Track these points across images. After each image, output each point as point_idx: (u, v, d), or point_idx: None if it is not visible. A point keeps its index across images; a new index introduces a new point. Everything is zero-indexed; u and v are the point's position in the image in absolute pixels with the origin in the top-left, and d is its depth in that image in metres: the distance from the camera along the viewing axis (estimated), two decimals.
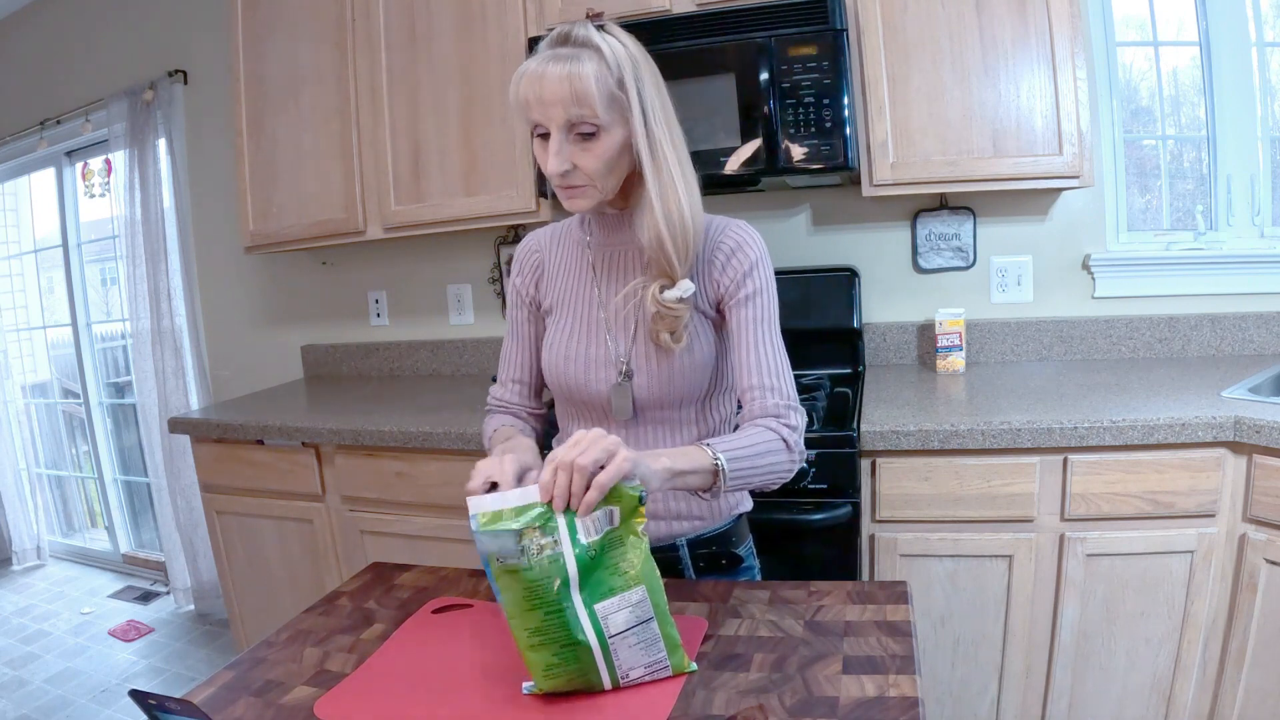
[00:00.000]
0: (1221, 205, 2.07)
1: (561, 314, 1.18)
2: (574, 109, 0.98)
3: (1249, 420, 1.46)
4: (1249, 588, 1.50)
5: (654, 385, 1.11)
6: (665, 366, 1.10)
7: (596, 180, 1.03)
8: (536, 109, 0.99)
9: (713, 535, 1.18)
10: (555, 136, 1.00)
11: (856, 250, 2.26)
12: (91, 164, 3.30)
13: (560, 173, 1.01)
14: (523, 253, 1.24)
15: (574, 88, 0.97)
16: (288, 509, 2.19)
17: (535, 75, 0.99)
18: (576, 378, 1.14)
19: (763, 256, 1.11)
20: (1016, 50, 1.80)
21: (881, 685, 0.81)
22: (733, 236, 1.11)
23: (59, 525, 4.02)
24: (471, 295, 2.67)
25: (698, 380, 1.12)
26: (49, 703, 2.55)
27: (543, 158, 1.03)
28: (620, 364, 1.12)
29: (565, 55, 0.99)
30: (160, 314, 3.02)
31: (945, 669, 1.70)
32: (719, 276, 1.11)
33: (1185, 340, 2.07)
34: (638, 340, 1.11)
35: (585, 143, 1.01)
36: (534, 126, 1.02)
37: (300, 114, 2.39)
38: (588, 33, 1.01)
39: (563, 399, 1.20)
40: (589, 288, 1.16)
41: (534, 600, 0.81)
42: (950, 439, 1.59)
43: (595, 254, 1.16)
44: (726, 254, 1.10)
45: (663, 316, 1.06)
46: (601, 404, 1.14)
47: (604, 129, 1.00)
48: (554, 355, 1.16)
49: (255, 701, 0.87)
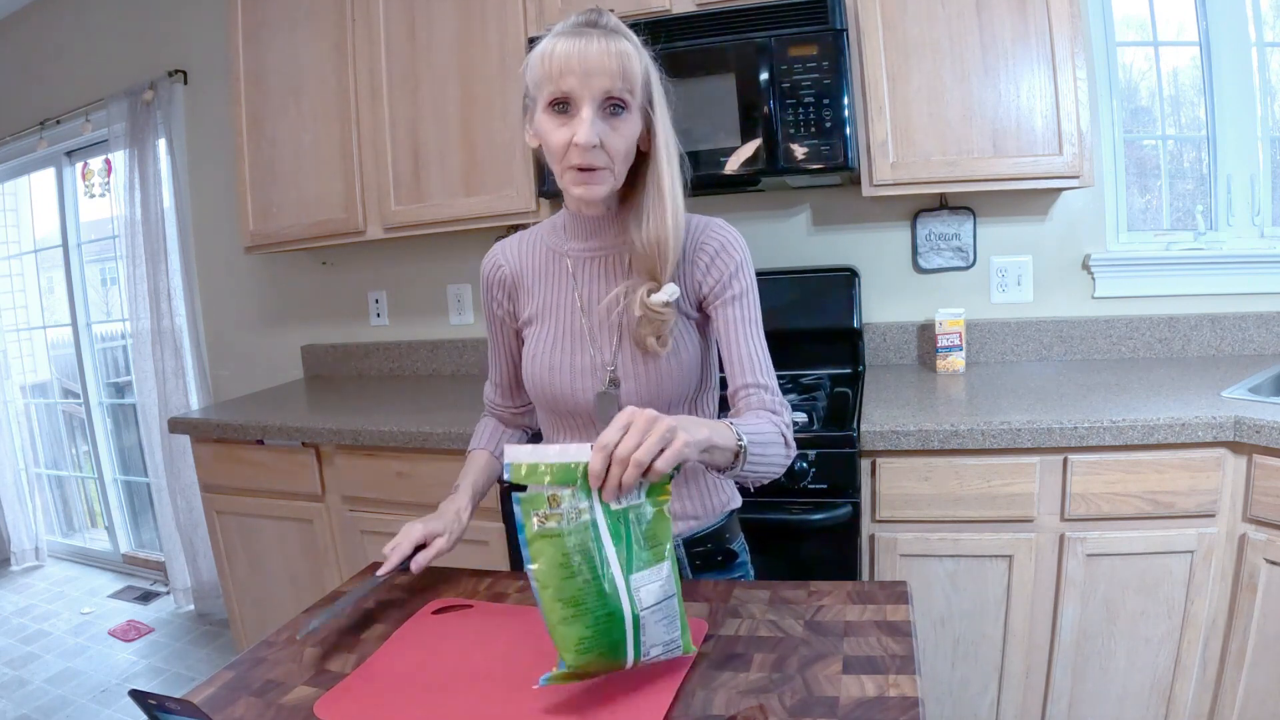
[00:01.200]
0: (1221, 205, 2.07)
1: (541, 325, 1.15)
2: (618, 82, 0.98)
3: (1249, 420, 1.46)
4: (1249, 588, 1.50)
5: (642, 391, 1.09)
6: (653, 371, 1.08)
7: (616, 163, 1.01)
8: (573, 78, 0.97)
9: (707, 533, 1.18)
10: (588, 109, 0.98)
11: (856, 250, 2.26)
12: (91, 164, 3.30)
13: (590, 145, 0.98)
14: (489, 271, 1.20)
15: (621, 64, 0.97)
16: (288, 509, 2.19)
17: (575, 46, 0.97)
18: (561, 388, 1.12)
19: (746, 256, 1.11)
20: (1016, 50, 1.80)
21: (881, 685, 0.81)
22: (716, 237, 1.10)
23: (59, 525, 4.01)
24: (471, 295, 2.67)
25: (685, 382, 1.11)
26: (49, 703, 2.55)
27: (557, 133, 1.00)
28: (606, 372, 1.10)
29: (606, 32, 0.99)
30: (160, 314, 3.02)
31: (945, 669, 1.70)
32: (702, 276, 1.09)
33: (1185, 340, 2.07)
34: (623, 347, 1.09)
35: (613, 121, 1.00)
36: (553, 100, 1.00)
37: (300, 114, 2.39)
38: (617, 22, 1.02)
39: (546, 409, 1.17)
40: (569, 295, 1.13)
41: (570, 569, 0.78)
42: (950, 439, 1.59)
43: (574, 261, 1.14)
44: (711, 254, 1.09)
45: (649, 321, 1.05)
46: (588, 413, 1.12)
47: (630, 112, 1.01)
48: (537, 367, 1.14)
49: (255, 701, 0.87)
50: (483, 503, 1.90)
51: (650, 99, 1.03)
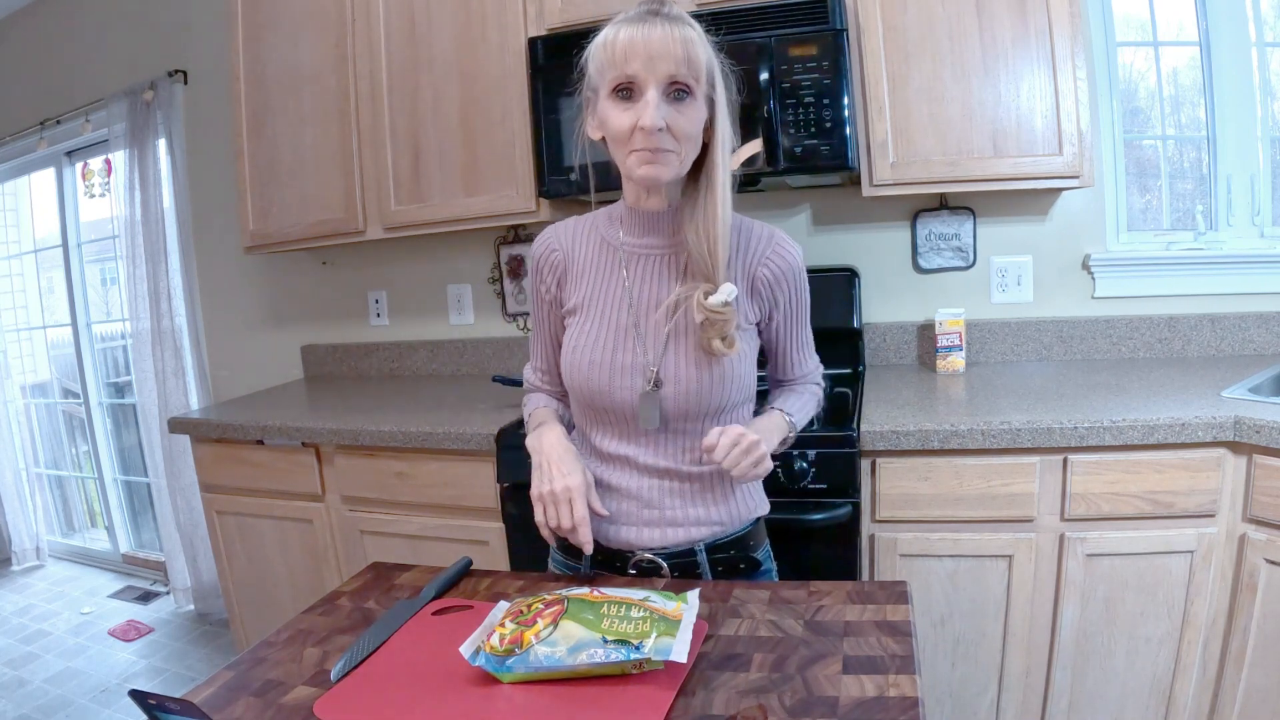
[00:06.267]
0: (1221, 205, 2.07)
1: (586, 317, 1.13)
2: (682, 68, 0.98)
3: (1249, 420, 1.46)
4: (1249, 588, 1.50)
5: (683, 395, 1.08)
6: (700, 375, 1.07)
7: (683, 146, 1.01)
8: (637, 63, 0.97)
9: (730, 540, 1.16)
10: (652, 92, 0.98)
11: (856, 250, 2.26)
12: (91, 164, 3.30)
13: (656, 128, 0.97)
14: (541, 253, 1.18)
15: (686, 50, 0.98)
16: (288, 509, 2.19)
17: (639, 31, 0.98)
18: (600, 384, 1.10)
19: (804, 268, 1.15)
20: (1016, 50, 1.80)
21: (881, 685, 0.81)
22: (780, 254, 1.12)
23: (59, 525, 4.01)
24: (471, 295, 2.67)
25: (729, 390, 1.09)
26: (49, 703, 2.55)
27: (621, 117, 1.00)
28: (649, 372, 1.08)
29: (669, 19, 0.99)
30: (160, 314, 3.02)
31: (945, 669, 1.70)
32: (766, 293, 1.12)
33: (1185, 340, 2.07)
34: (670, 349, 1.08)
35: (678, 105, 1.00)
36: (618, 86, 1.00)
37: (300, 114, 2.39)
38: (680, 10, 1.02)
39: (582, 404, 1.15)
40: (618, 290, 1.11)
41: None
42: (950, 439, 1.59)
43: (627, 255, 1.12)
44: (775, 273, 1.11)
45: (711, 323, 1.04)
46: (625, 412, 1.10)
47: (694, 98, 1.01)
48: (577, 360, 1.12)
49: (255, 702, 0.87)
50: (482, 503, 1.92)
51: (714, 88, 1.03)
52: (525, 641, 0.84)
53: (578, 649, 0.83)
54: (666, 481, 1.13)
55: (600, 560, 1.16)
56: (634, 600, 0.89)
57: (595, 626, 0.85)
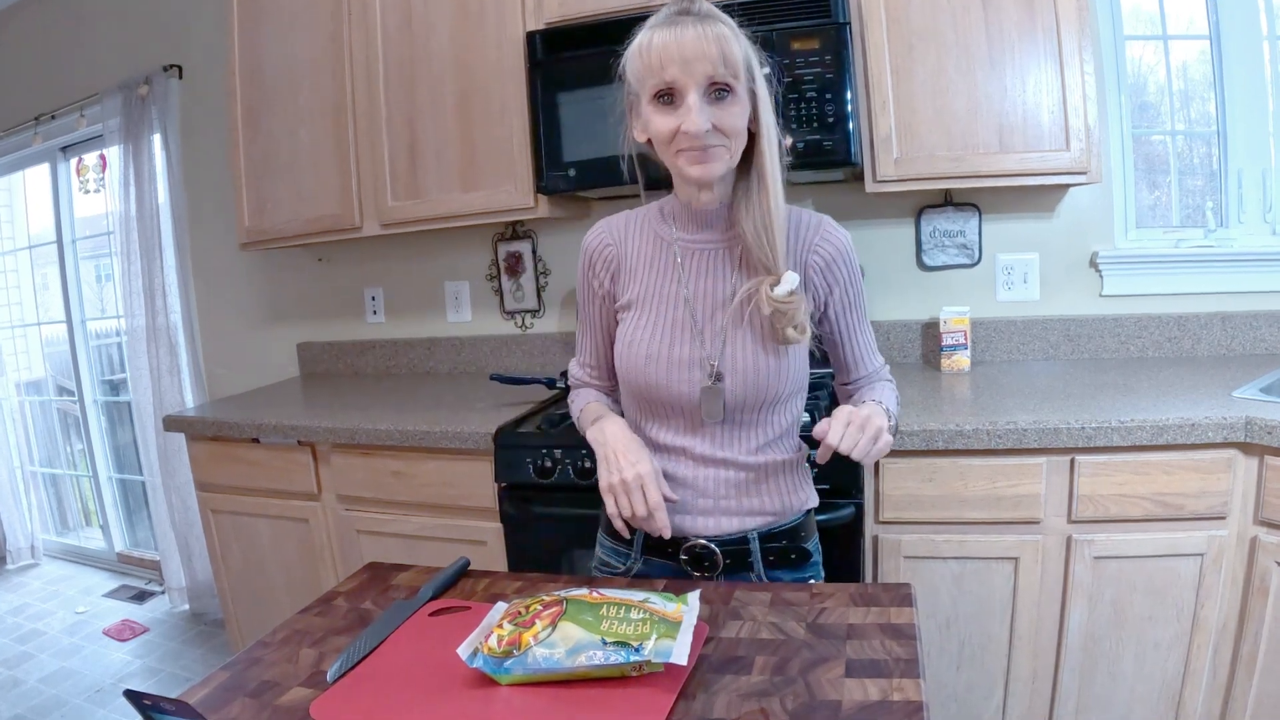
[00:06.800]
0: (1232, 201, 2.05)
1: (641, 312, 1.13)
2: (720, 67, 0.98)
3: (1261, 421, 1.44)
4: (1260, 592, 1.48)
5: (743, 387, 1.09)
6: (760, 366, 1.08)
7: (732, 141, 1.02)
8: (674, 68, 0.98)
9: (783, 530, 1.17)
10: (693, 96, 0.98)
11: (860, 247, 2.18)
12: (86, 159, 3.28)
13: (702, 131, 0.98)
14: (595, 246, 1.19)
15: (721, 48, 0.98)
16: (284, 508, 2.17)
17: (671, 36, 0.98)
18: (657, 378, 1.10)
19: (855, 254, 1.15)
20: (1023, 44, 1.78)
21: (885, 689, 0.80)
22: (830, 240, 1.13)
23: (53, 524, 4.00)
24: (469, 292, 2.65)
25: (788, 382, 1.10)
26: (43, 703, 2.54)
27: (664, 121, 1.01)
28: (708, 366, 1.09)
29: (700, 18, 0.99)
30: (155, 311, 3.00)
31: (950, 673, 1.67)
32: (819, 281, 1.12)
33: (1195, 339, 2.05)
34: (729, 342, 1.09)
35: (721, 103, 1.00)
36: (658, 93, 1.00)
37: (296, 109, 2.37)
38: (710, 6, 1.01)
39: (638, 398, 1.15)
40: (674, 285, 1.12)
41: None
42: (955, 439, 1.57)
43: (682, 251, 1.13)
44: (826, 259, 1.12)
45: (781, 314, 1.05)
46: (683, 406, 1.11)
47: (736, 95, 1.00)
48: (634, 355, 1.12)
49: (251, 702, 0.86)
50: (480, 502, 1.89)
51: (754, 80, 1.02)
52: (523, 643, 0.83)
53: (576, 651, 0.82)
54: (723, 471, 1.13)
55: (651, 546, 1.16)
56: (633, 602, 0.88)
57: (594, 628, 0.83)
